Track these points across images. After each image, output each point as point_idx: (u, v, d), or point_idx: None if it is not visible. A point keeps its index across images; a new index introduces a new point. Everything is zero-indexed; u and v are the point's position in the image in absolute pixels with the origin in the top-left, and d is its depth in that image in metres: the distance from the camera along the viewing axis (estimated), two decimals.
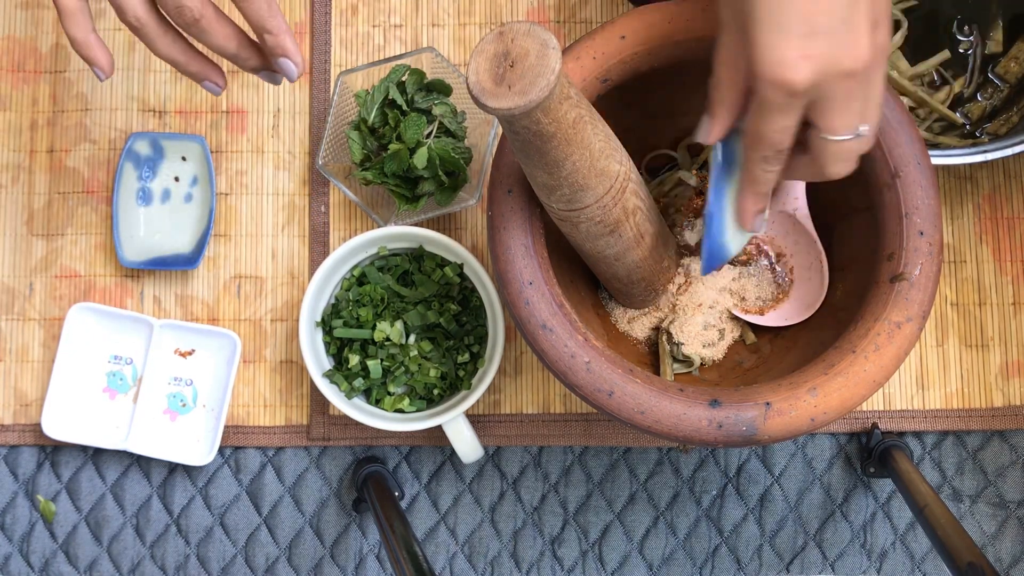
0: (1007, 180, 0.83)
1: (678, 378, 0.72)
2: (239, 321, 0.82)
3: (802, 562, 0.80)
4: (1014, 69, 0.80)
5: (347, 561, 0.80)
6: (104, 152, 0.83)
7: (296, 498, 0.81)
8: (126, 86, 0.84)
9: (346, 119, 0.80)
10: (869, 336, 0.60)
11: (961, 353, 0.81)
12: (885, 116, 0.62)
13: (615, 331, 0.74)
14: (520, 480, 0.81)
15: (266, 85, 0.84)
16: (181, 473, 0.81)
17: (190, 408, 0.81)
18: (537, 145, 0.54)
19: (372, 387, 0.77)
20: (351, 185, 0.78)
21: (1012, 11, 0.80)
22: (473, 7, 0.85)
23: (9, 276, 0.82)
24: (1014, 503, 0.80)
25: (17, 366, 0.82)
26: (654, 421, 0.58)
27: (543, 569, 0.80)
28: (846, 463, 0.80)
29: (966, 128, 0.80)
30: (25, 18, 0.84)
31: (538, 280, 0.61)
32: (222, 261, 0.82)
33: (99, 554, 0.81)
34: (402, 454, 0.81)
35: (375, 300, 0.76)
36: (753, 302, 0.73)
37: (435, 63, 0.78)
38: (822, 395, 0.58)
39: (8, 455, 0.81)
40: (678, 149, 0.76)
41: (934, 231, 0.61)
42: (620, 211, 0.61)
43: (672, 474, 0.81)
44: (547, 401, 0.81)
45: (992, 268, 0.82)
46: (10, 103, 0.84)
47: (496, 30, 0.52)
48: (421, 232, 0.75)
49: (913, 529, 0.80)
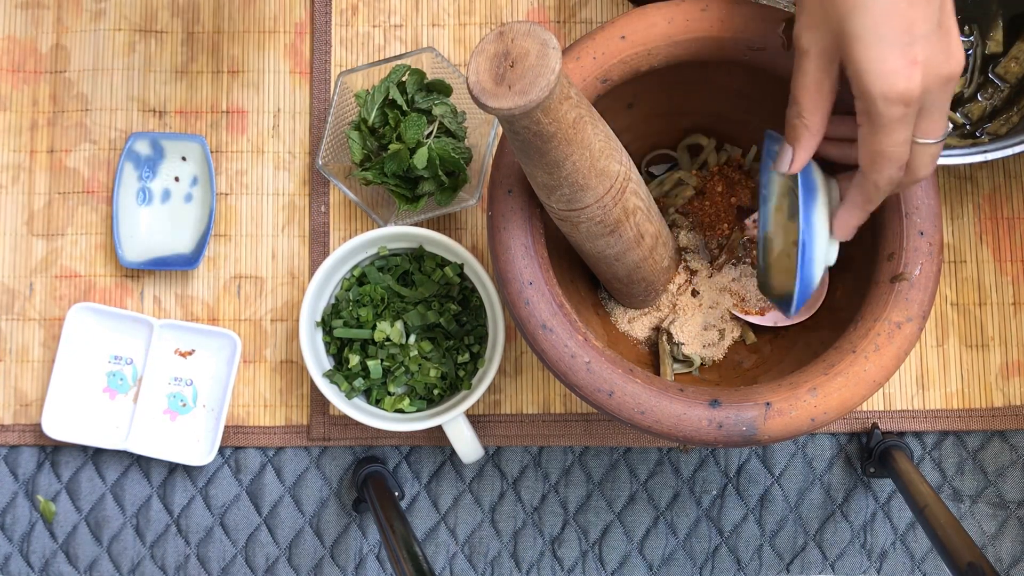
0: (1007, 180, 0.83)
1: (678, 378, 0.72)
2: (239, 321, 0.82)
3: (802, 562, 0.80)
4: (1014, 69, 0.80)
5: (347, 561, 0.80)
6: (104, 152, 0.83)
7: (296, 498, 0.81)
8: (126, 86, 0.84)
9: (346, 119, 0.80)
10: (869, 336, 0.60)
11: (961, 353, 0.81)
12: None
13: (615, 331, 0.74)
14: (520, 480, 0.81)
15: (266, 85, 0.84)
16: (181, 473, 0.81)
17: (190, 408, 0.81)
18: (537, 145, 0.54)
19: (372, 387, 0.77)
20: (351, 185, 0.78)
21: (1012, 11, 0.80)
22: (473, 7, 0.85)
23: (9, 276, 0.82)
24: (1014, 503, 0.80)
25: (17, 366, 0.82)
26: (654, 421, 0.58)
27: (543, 569, 0.80)
28: (846, 463, 0.80)
29: (966, 128, 0.80)
30: (25, 18, 0.84)
31: (538, 280, 0.61)
32: (222, 261, 0.82)
33: (99, 554, 0.81)
34: (402, 454, 0.81)
35: (375, 300, 0.76)
36: (753, 302, 0.73)
37: (435, 63, 0.78)
38: (822, 395, 0.58)
39: (8, 455, 0.81)
40: (678, 149, 0.76)
41: (934, 231, 0.61)
42: (620, 211, 0.61)
43: (672, 474, 0.81)
44: (547, 401, 0.81)
45: (992, 268, 0.82)
46: (10, 103, 0.84)
47: (496, 30, 0.52)
48: (421, 232, 0.75)
49: (913, 529, 0.80)
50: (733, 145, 0.75)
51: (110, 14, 0.84)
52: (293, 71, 0.84)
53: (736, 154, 0.75)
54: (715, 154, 0.75)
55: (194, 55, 0.84)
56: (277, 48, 0.84)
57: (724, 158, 0.75)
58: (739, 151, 0.75)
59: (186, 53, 0.84)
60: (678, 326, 0.72)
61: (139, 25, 0.84)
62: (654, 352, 0.74)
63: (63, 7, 0.84)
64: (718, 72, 0.66)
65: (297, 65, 0.84)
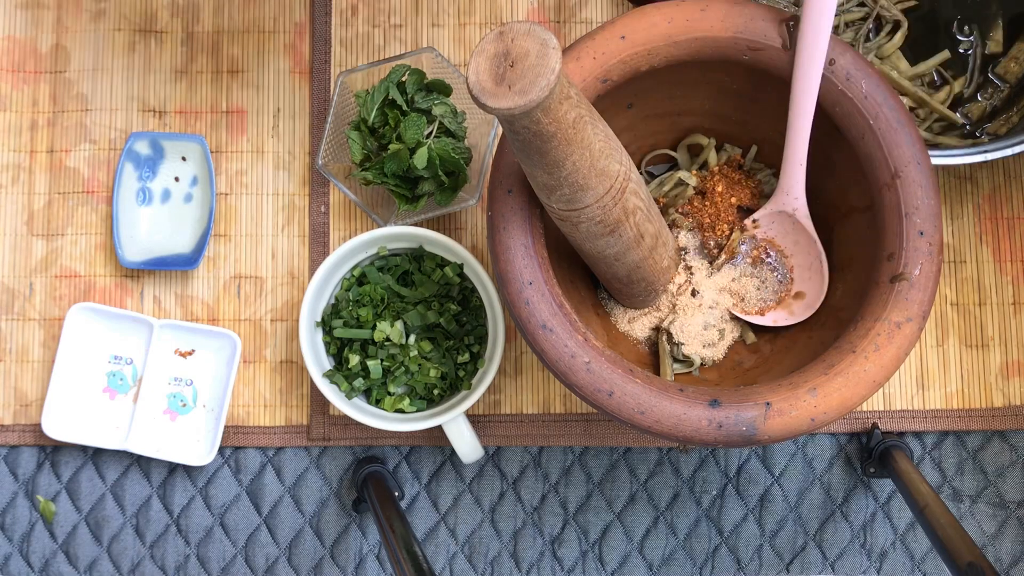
0: (1007, 180, 0.83)
1: (678, 378, 0.72)
2: (239, 321, 0.82)
3: (802, 562, 0.80)
4: (1014, 69, 0.80)
5: (347, 561, 0.80)
6: (104, 152, 0.83)
7: (296, 498, 0.81)
8: (126, 86, 0.84)
9: (346, 119, 0.80)
10: (869, 336, 0.60)
11: (961, 353, 0.81)
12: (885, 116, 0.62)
13: (615, 331, 0.74)
14: (520, 480, 0.81)
15: (266, 85, 0.84)
16: (181, 473, 0.81)
17: (190, 408, 0.81)
18: (537, 145, 0.54)
19: (372, 387, 0.77)
20: (351, 185, 0.78)
21: (1012, 11, 0.80)
22: (473, 7, 0.85)
23: (9, 276, 0.82)
24: (1014, 503, 0.80)
25: (17, 366, 0.82)
26: (654, 421, 0.58)
27: (543, 569, 0.80)
28: (846, 463, 0.80)
29: (966, 128, 0.80)
30: (25, 18, 0.84)
31: (538, 280, 0.61)
32: (222, 261, 0.82)
33: (99, 554, 0.81)
34: (402, 454, 0.81)
35: (375, 300, 0.76)
36: (753, 302, 0.73)
37: (435, 63, 0.78)
38: (822, 395, 0.58)
39: (8, 455, 0.81)
40: (678, 149, 0.76)
41: (934, 231, 0.61)
42: (620, 211, 0.61)
43: (672, 474, 0.81)
44: (547, 401, 0.81)
45: (992, 268, 0.82)
46: (10, 103, 0.84)
47: (496, 30, 0.52)
48: (421, 232, 0.75)
49: (913, 529, 0.80)
50: (733, 145, 0.75)
51: (110, 14, 0.84)
52: (293, 71, 0.84)
53: (736, 154, 0.75)
54: (715, 154, 0.75)
55: (194, 55, 0.84)
56: (277, 48, 0.84)
57: (724, 158, 0.75)
58: (739, 151, 0.75)
59: (186, 53, 0.84)
60: (678, 326, 0.72)
61: (139, 25, 0.84)
62: (654, 352, 0.74)
63: (63, 7, 0.84)
64: (718, 72, 0.66)
65: (297, 65, 0.84)
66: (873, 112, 0.62)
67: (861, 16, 0.80)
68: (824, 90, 0.63)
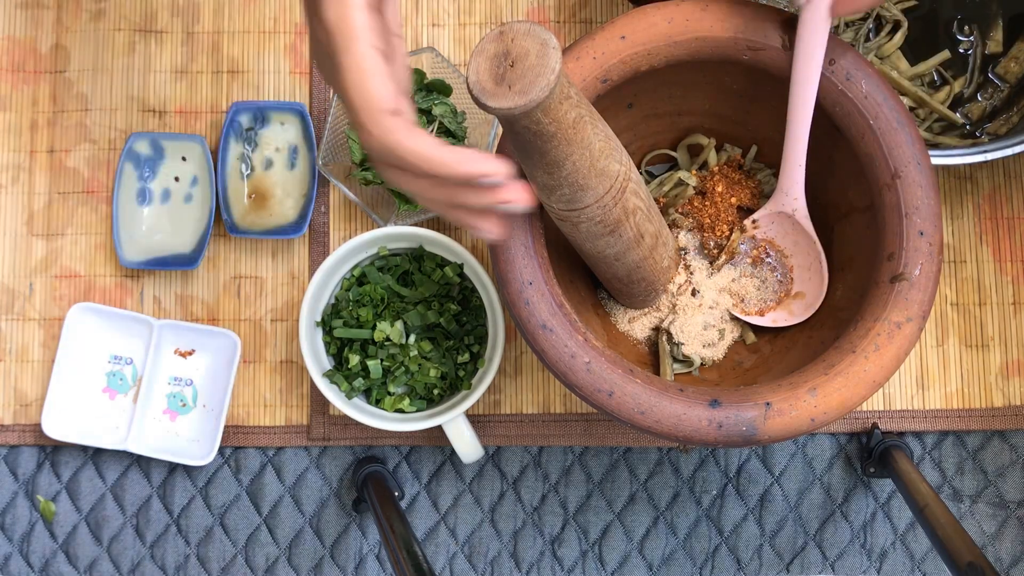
0: (1007, 180, 0.83)
1: (678, 378, 0.72)
2: (239, 321, 0.82)
3: (802, 562, 0.80)
4: (1014, 69, 0.80)
5: (347, 561, 0.80)
6: (104, 152, 0.83)
7: (296, 498, 0.81)
8: (126, 86, 0.84)
9: (346, 119, 0.80)
10: (869, 336, 0.60)
11: (961, 353, 0.81)
12: (885, 116, 0.62)
13: (615, 331, 0.74)
14: (520, 480, 0.81)
15: (266, 85, 0.84)
16: (181, 473, 0.81)
17: (190, 408, 0.81)
18: (537, 145, 0.54)
19: (372, 387, 0.77)
20: (351, 185, 0.78)
21: (1012, 11, 0.80)
22: (473, 7, 0.85)
23: (9, 276, 0.82)
24: (1014, 503, 0.80)
25: (17, 366, 0.82)
26: (654, 421, 0.58)
27: (543, 569, 0.80)
28: (846, 463, 0.80)
29: (966, 128, 0.80)
30: (25, 18, 0.84)
31: (538, 280, 0.61)
32: (222, 261, 0.82)
33: (99, 554, 0.81)
34: (402, 454, 0.81)
35: (375, 300, 0.76)
36: (753, 303, 0.73)
37: (435, 63, 0.78)
38: (822, 395, 0.58)
39: (8, 455, 0.81)
40: (678, 149, 0.76)
41: (934, 231, 0.61)
42: (620, 211, 0.61)
43: (672, 474, 0.81)
44: (547, 401, 0.81)
45: (992, 268, 0.82)
46: (10, 103, 0.84)
47: (496, 30, 0.52)
48: (421, 232, 0.75)
49: (913, 529, 0.80)
50: (733, 145, 0.75)
51: (110, 14, 0.84)
52: (293, 71, 0.84)
53: (736, 154, 0.75)
54: (715, 154, 0.75)
55: (194, 55, 0.84)
56: (277, 48, 0.84)
57: (724, 158, 0.75)
58: (739, 151, 0.75)
59: (186, 53, 0.84)
60: (678, 326, 0.72)
61: (139, 25, 0.84)
62: (654, 352, 0.74)
63: (63, 7, 0.84)
64: (718, 72, 0.66)
65: (297, 65, 0.84)
66: (873, 112, 0.62)
67: (861, 16, 0.80)
68: (824, 90, 0.63)
